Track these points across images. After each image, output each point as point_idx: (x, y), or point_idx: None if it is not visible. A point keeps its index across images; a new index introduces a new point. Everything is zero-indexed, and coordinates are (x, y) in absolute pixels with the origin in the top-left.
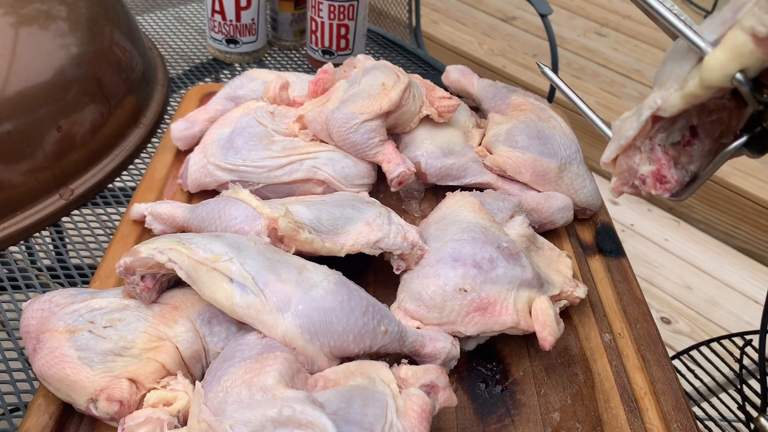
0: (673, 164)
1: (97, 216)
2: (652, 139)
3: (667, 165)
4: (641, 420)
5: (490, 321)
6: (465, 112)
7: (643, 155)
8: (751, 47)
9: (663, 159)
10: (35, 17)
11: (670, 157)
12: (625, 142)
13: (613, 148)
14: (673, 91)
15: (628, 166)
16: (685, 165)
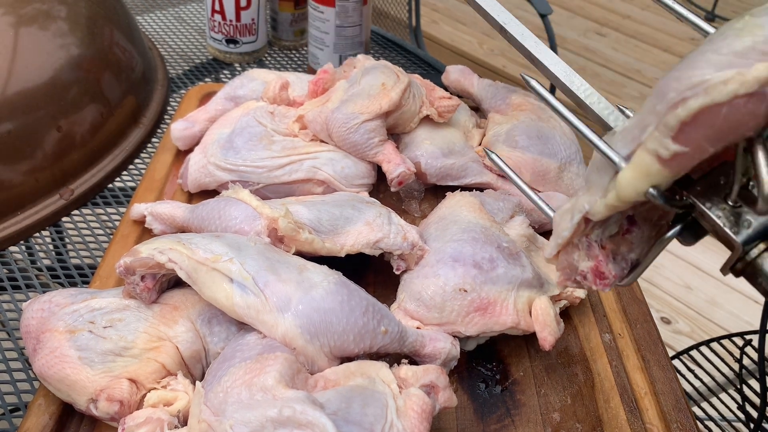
0: (612, 258)
1: (97, 216)
2: (588, 236)
3: (604, 261)
4: (641, 420)
5: (490, 321)
6: (465, 112)
7: (581, 252)
8: (658, 167)
9: (600, 255)
10: (35, 17)
11: (608, 252)
12: (562, 241)
13: (552, 245)
14: (598, 198)
15: (569, 263)
16: (626, 254)
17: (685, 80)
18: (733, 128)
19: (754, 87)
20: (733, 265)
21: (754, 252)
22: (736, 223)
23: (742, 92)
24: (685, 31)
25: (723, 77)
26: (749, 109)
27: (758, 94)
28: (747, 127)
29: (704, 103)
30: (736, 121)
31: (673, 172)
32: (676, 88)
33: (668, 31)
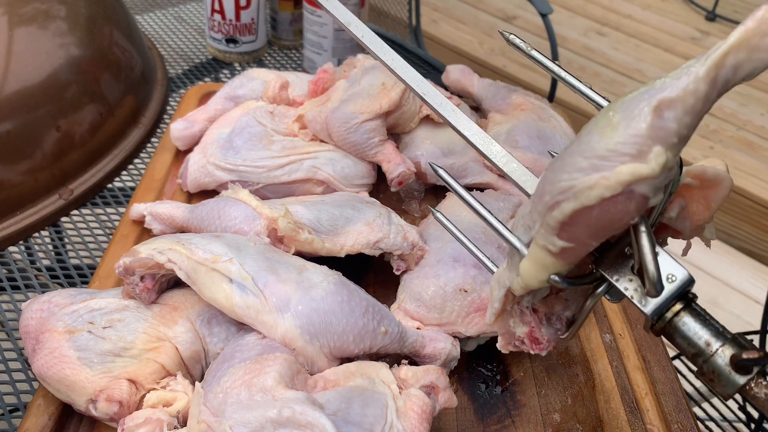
0: (546, 321)
1: (97, 216)
2: (519, 303)
3: (537, 326)
4: (642, 421)
5: None
6: (465, 111)
7: (516, 318)
8: (552, 260)
9: (533, 321)
10: (34, 17)
11: (541, 316)
12: (495, 311)
13: (489, 313)
14: (515, 276)
15: (506, 329)
16: (561, 313)
17: (557, 184)
18: (608, 225)
19: (618, 189)
20: (651, 327)
21: (668, 315)
22: (643, 293)
23: (608, 195)
24: (686, 31)
25: (588, 182)
26: (619, 209)
27: (625, 194)
28: (622, 222)
29: (576, 206)
30: (609, 219)
31: (567, 262)
32: (550, 191)
33: (669, 31)
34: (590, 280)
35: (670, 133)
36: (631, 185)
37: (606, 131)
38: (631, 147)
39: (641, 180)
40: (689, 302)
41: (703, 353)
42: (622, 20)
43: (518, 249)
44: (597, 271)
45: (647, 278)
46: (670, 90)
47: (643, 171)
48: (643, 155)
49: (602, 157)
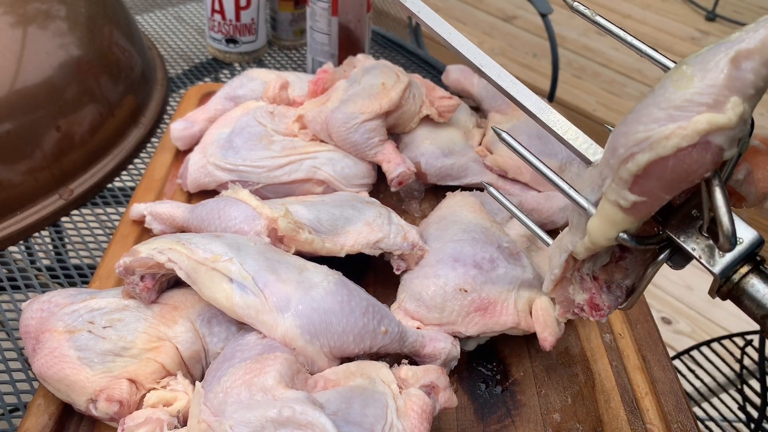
0: (606, 287)
1: (97, 216)
2: (579, 270)
3: (598, 293)
4: (642, 420)
5: (491, 321)
6: (465, 111)
7: (575, 285)
8: (622, 215)
9: (593, 288)
10: (34, 17)
11: (601, 283)
12: (554, 278)
13: (548, 281)
14: (578, 239)
15: (565, 297)
16: (620, 281)
17: (632, 135)
18: (683, 177)
19: (695, 139)
20: (717, 290)
21: (735, 277)
22: (711, 253)
23: (685, 145)
24: (686, 31)
25: (665, 132)
26: (695, 159)
27: (701, 144)
28: (697, 174)
29: (651, 157)
30: (685, 170)
31: (637, 218)
32: (625, 143)
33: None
34: (656, 241)
35: (747, 84)
36: (707, 135)
37: (681, 83)
38: (708, 97)
39: (718, 130)
40: (758, 264)
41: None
42: (622, 20)
43: (585, 208)
44: (663, 232)
45: (721, 233)
46: (748, 41)
47: (720, 121)
48: (720, 105)
49: (679, 107)
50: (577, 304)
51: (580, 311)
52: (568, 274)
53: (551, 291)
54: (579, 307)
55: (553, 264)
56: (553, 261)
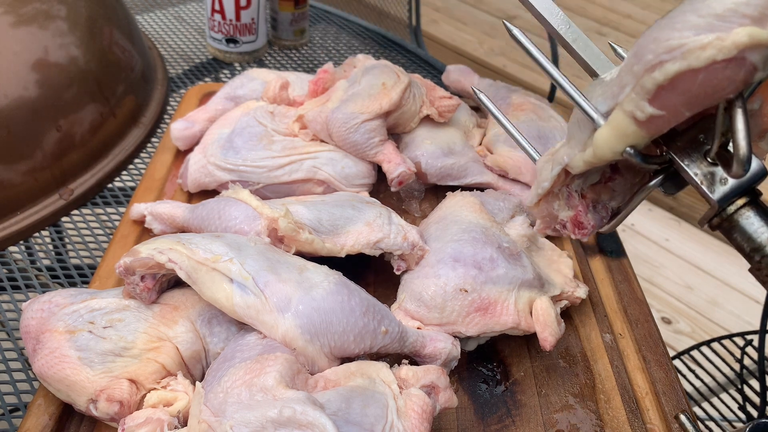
0: (592, 207)
1: (97, 216)
2: (568, 186)
3: (584, 211)
4: (642, 420)
5: (491, 321)
6: (465, 111)
7: (561, 201)
8: (635, 129)
9: (580, 206)
10: (35, 17)
11: (588, 201)
12: (542, 192)
13: (533, 194)
14: (577, 152)
15: (549, 212)
16: (606, 202)
17: (664, 42)
18: (710, 93)
19: (732, 53)
20: (710, 220)
21: (731, 208)
22: (712, 180)
23: (720, 58)
24: None
25: (701, 42)
26: (727, 75)
27: (737, 60)
28: (725, 92)
29: (681, 68)
30: (713, 86)
31: (649, 134)
32: (654, 50)
33: None
34: (659, 162)
35: None
36: (745, 50)
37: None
38: (753, 9)
39: (758, 46)
40: (756, 197)
41: (766, 247)
42: (622, 20)
43: (594, 118)
44: (667, 154)
45: (736, 157)
46: None
47: (762, 36)
48: (765, 20)
49: (720, 16)
50: (560, 220)
51: (562, 228)
52: (556, 189)
53: (535, 205)
54: (561, 223)
55: (543, 177)
56: (542, 174)
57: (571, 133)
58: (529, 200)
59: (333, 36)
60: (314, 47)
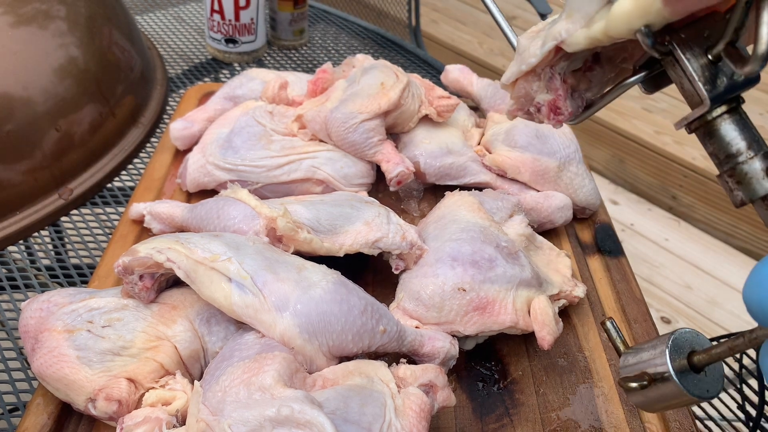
0: (570, 94)
1: (96, 216)
2: (553, 67)
3: (563, 96)
4: (640, 420)
5: (489, 320)
6: (464, 111)
7: (542, 83)
8: (659, 6)
9: (561, 89)
10: (34, 17)
11: (568, 87)
12: (527, 68)
13: (514, 71)
14: (579, 27)
15: (526, 92)
16: (582, 92)
17: None
18: None
19: None
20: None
21: (714, 113)
22: (709, 78)
23: None
24: None
25: None
26: None
27: None
28: None
29: None
30: None
31: (673, 13)
32: None
33: None
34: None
35: None
36: None
37: None
38: None
39: None
40: (739, 104)
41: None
42: None
43: None
44: (669, 44)
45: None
46: None
47: None
48: None
49: None
50: (535, 103)
51: (536, 111)
52: (539, 69)
53: (511, 84)
54: (537, 106)
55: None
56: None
57: (573, 7)
58: (506, 77)
59: (332, 36)
60: (313, 47)
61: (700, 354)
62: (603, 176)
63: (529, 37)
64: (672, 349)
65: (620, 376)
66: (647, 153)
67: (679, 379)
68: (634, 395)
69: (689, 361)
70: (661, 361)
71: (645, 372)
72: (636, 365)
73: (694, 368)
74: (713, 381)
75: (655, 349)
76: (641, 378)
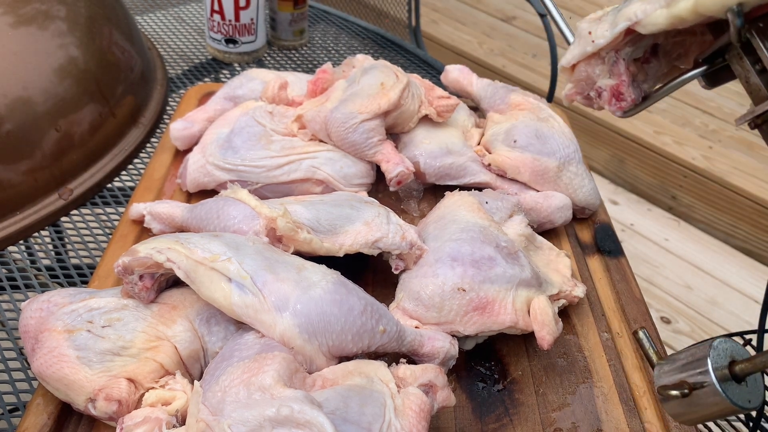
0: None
1: (96, 216)
2: (618, 51)
3: (627, 82)
4: (640, 419)
5: (489, 320)
6: (464, 111)
7: (605, 67)
8: None
9: (624, 75)
10: (34, 17)
11: (631, 74)
12: (592, 50)
13: (577, 53)
14: (658, 7)
15: (588, 75)
16: (640, 83)
17: None
18: None
19: None
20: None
21: None
22: None
23: None
24: None
25: None
26: None
27: None
28: None
29: None
30: None
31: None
32: None
33: None
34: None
35: None
36: None
37: None
38: None
39: None
40: None
41: None
42: None
43: None
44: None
45: None
46: None
47: None
48: None
49: None
50: (597, 87)
51: (597, 96)
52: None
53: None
54: (598, 90)
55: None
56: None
57: None
58: (567, 59)
59: (332, 36)
60: (313, 47)
61: (742, 363)
62: (603, 176)
63: (590, 20)
64: (713, 358)
65: (658, 385)
66: (647, 153)
67: (722, 387)
68: (673, 404)
69: (730, 370)
70: (702, 370)
71: (684, 381)
72: (674, 374)
73: (735, 378)
74: (755, 391)
75: (694, 357)
76: (681, 386)
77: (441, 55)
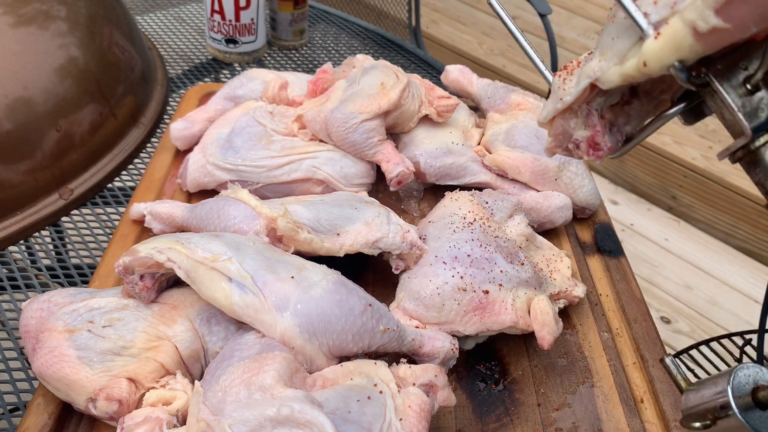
0: (608, 129)
1: (97, 216)
2: (589, 103)
3: (601, 132)
4: (640, 419)
5: (489, 320)
6: (464, 111)
7: (579, 119)
8: (691, 41)
9: (598, 125)
10: (34, 17)
11: (606, 122)
12: (562, 107)
13: (551, 109)
14: (612, 65)
15: (564, 129)
16: (621, 126)
17: None
18: None
19: None
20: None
21: (759, 141)
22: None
23: None
24: None
25: None
26: None
27: None
28: None
29: None
30: None
31: (705, 48)
32: None
33: None
34: (698, 83)
35: None
36: None
37: None
38: None
39: None
40: None
41: None
42: None
43: (643, 28)
44: (705, 76)
45: None
46: None
47: None
48: None
49: None
50: (573, 139)
51: (575, 148)
52: (576, 106)
53: (549, 122)
54: (575, 143)
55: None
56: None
57: (605, 45)
58: (543, 116)
59: (332, 36)
60: (314, 47)
61: (765, 390)
62: (603, 176)
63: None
64: (734, 386)
65: (683, 416)
66: (647, 153)
67: (744, 417)
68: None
69: (754, 397)
70: (723, 399)
71: (708, 411)
72: (699, 405)
73: (759, 405)
74: None
75: (716, 386)
76: (704, 417)
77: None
